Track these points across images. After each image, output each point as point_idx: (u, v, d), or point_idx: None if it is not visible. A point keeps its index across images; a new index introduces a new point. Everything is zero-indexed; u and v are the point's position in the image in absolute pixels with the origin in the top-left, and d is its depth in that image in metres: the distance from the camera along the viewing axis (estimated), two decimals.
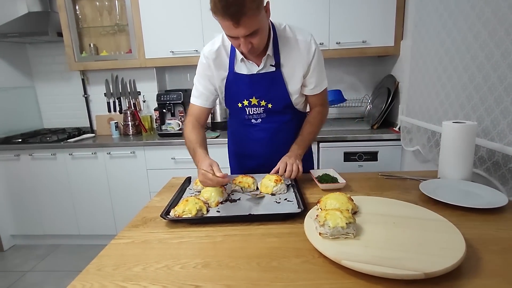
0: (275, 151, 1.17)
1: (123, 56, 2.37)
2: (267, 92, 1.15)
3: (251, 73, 1.12)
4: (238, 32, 0.93)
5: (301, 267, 0.63)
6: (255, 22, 0.92)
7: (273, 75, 1.12)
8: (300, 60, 1.11)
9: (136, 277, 0.63)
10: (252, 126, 1.23)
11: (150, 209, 0.97)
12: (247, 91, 1.15)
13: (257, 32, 0.95)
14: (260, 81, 1.13)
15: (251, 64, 1.12)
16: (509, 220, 0.80)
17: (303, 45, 1.10)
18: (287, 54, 1.11)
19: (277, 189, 0.99)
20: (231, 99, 1.20)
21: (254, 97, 1.16)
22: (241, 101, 1.17)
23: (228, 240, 0.76)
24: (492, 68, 1.12)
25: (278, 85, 1.14)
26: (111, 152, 2.22)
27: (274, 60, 1.11)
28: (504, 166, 1.06)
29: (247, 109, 1.19)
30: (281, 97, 1.16)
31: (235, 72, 1.13)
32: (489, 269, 0.60)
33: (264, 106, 1.17)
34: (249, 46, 0.98)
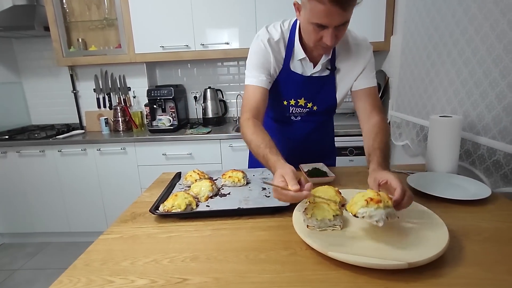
0: (304, 149, 1.16)
1: (112, 51, 2.34)
2: (316, 94, 1.12)
3: (306, 74, 1.08)
4: (337, 20, 0.85)
5: (289, 259, 0.64)
6: (350, 13, 0.87)
7: (326, 79, 1.09)
8: (356, 64, 1.07)
9: (124, 272, 0.63)
10: (291, 123, 1.20)
11: (139, 204, 0.97)
12: (298, 91, 1.11)
13: (347, 22, 0.90)
14: (314, 84, 1.09)
15: (308, 64, 1.07)
16: (491, 211, 0.82)
17: (358, 49, 1.06)
18: (343, 58, 1.07)
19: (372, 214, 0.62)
20: (279, 95, 1.13)
21: (303, 98, 1.12)
22: (289, 100, 1.13)
23: (217, 234, 0.76)
24: (478, 63, 1.14)
25: (328, 89, 1.11)
26: (101, 148, 2.20)
27: (330, 63, 1.08)
28: (488, 159, 1.09)
29: (291, 108, 1.15)
30: (329, 101, 1.14)
31: (290, 70, 1.08)
32: (470, 258, 0.62)
33: (310, 107, 1.15)
34: (335, 39, 0.91)
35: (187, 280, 0.59)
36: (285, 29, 1.06)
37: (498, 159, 1.04)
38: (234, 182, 1.03)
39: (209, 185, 0.96)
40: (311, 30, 0.91)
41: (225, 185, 1.04)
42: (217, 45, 2.21)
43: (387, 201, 0.62)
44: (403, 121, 1.79)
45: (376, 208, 0.60)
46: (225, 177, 1.04)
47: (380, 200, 0.61)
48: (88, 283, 0.60)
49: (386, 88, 2.14)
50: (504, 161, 1.02)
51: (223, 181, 1.05)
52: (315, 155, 1.24)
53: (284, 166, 0.78)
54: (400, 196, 0.69)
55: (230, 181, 1.03)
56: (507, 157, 1.01)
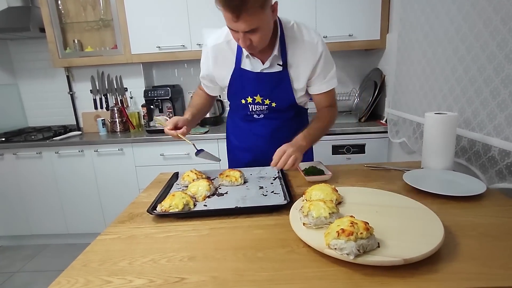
0: (274, 146, 1.15)
1: (108, 52, 2.33)
2: (272, 91, 1.13)
3: (256, 70, 1.10)
4: (237, 27, 0.91)
5: (286, 257, 0.64)
6: (256, 19, 0.90)
7: (280, 75, 1.11)
8: (306, 61, 1.09)
9: (121, 272, 0.63)
10: (255, 121, 1.23)
11: (137, 205, 0.97)
12: (252, 88, 1.14)
13: (257, 30, 0.93)
14: (266, 80, 1.11)
15: (256, 61, 1.10)
16: (486, 207, 0.83)
17: (309, 46, 1.07)
18: (294, 54, 1.09)
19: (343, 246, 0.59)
20: (235, 94, 1.18)
21: (258, 95, 1.15)
22: (245, 98, 1.16)
23: (214, 233, 0.77)
24: (472, 60, 1.15)
25: (284, 85, 1.12)
26: (99, 149, 2.19)
27: (281, 59, 1.09)
28: (484, 155, 1.10)
29: (250, 106, 1.18)
30: (286, 97, 1.15)
31: (241, 68, 1.12)
32: (465, 253, 0.62)
33: (268, 104, 1.16)
34: (248, 43, 0.96)
35: (185, 279, 0.59)
36: None
37: (493, 155, 1.05)
38: (232, 181, 1.03)
39: (206, 185, 0.96)
40: (231, 32, 0.98)
41: (222, 184, 1.04)
42: None
43: (361, 232, 0.59)
44: (399, 118, 1.80)
45: (347, 241, 0.58)
46: (222, 177, 1.05)
47: (352, 232, 0.58)
48: (86, 283, 0.60)
49: (382, 86, 2.15)
50: (499, 157, 1.03)
51: (220, 180, 1.05)
52: None
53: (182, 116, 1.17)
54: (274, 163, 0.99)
55: (227, 180, 1.03)
56: (502, 153, 1.02)
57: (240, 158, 1.34)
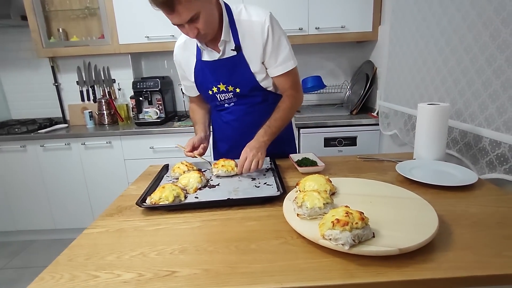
0: (245, 134, 1.13)
1: (95, 41, 2.26)
2: (231, 77, 1.13)
3: (213, 59, 1.11)
4: (177, 20, 0.92)
5: (280, 248, 0.63)
6: (192, 7, 0.90)
7: (235, 59, 1.10)
8: (255, 41, 1.07)
9: (109, 266, 0.60)
10: (227, 110, 1.23)
11: (125, 197, 0.94)
12: (213, 78, 1.15)
13: (198, 16, 0.93)
14: (223, 66, 1.12)
15: (211, 51, 1.11)
16: (478, 197, 0.83)
17: (257, 26, 1.05)
18: (245, 37, 1.08)
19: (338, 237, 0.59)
20: (201, 87, 1.20)
21: (221, 83, 1.15)
22: (211, 88, 1.17)
23: (206, 225, 0.75)
24: (465, 51, 1.15)
25: (241, 69, 1.11)
26: (86, 142, 2.13)
27: (234, 43, 1.08)
28: (475, 146, 1.10)
29: (217, 96, 1.19)
30: (246, 80, 1.13)
31: (202, 60, 1.13)
32: (459, 242, 0.62)
33: (232, 91, 1.16)
34: (196, 32, 0.97)
35: (175, 272, 0.57)
36: None
37: (484, 146, 1.06)
38: (228, 171, 1.00)
39: (197, 177, 0.94)
40: (180, 29, 0.99)
41: (218, 174, 1.01)
42: None
43: (356, 222, 0.59)
44: (391, 110, 1.80)
45: (342, 231, 0.58)
46: (217, 166, 1.02)
47: (347, 222, 0.58)
48: (72, 279, 0.57)
49: (374, 79, 2.15)
50: (489, 148, 1.03)
51: (215, 171, 1.02)
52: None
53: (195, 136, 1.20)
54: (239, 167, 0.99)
55: (223, 170, 1.01)
56: (492, 144, 1.02)
57: (218, 148, 1.36)
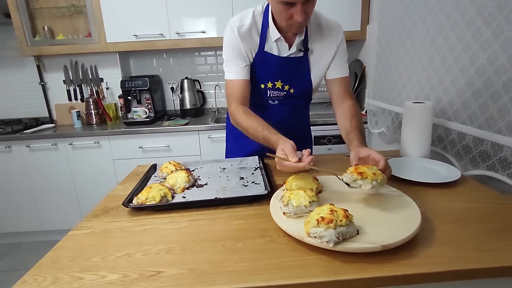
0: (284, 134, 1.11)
1: (82, 40, 2.22)
2: (293, 77, 1.12)
3: (282, 55, 1.08)
4: None
5: (266, 247, 0.63)
6: None
7: (301, 60, 1.09)
8: (328, 46, 1.09)
9: (94, 267, 0.60)
10: (269, 107, 1.19)
11: (112, 198, 0.93)
12: (274, 73, 1.11)
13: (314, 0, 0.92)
14: (289, 65, 1.09)
15: (283, 45, 1.07)
16: (461, 193, 0.85)
17: (330, 31, 1.08)
18: (315, 40, 1.08)
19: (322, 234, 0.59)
20: (255, 79, 1.13)
21: (280, 80, 1.12)
22: (266, 83, 1.12)
23: (193, 225, 0.74)
24: (449, 50, 1.17)
25: (303, 71, 1.11)
26: (74, 142, 2.10)
27: (303, 44, 1.08)
28: (459, 143, 1.13)
29: (269, 91, 1.14)
30: (304, 84, 1.14)
31: (266, 52, 1.07)
32: (441, 238, 0.64)
33: (287, 90, 1.14)
34: (304, 16, 0.92)
35: (161, 272, 0.57)
36: (258, 13, 1.06)
37: (467, 143, 1.08)
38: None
39: (185, 176, 0.93)
40: (280, 9, 0.93)
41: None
42: (193, 34, 2.15)
43: (341, 220, 0.59)
44: (379, 109, 1.82)
45: (326, 229, 0.58)
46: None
47: (332, 220, 0.58)
48: (55, 281, 0.56)
49: (362, 77, 2.17)
50: (473, 145, 1.06)
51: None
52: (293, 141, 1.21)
53: (285, 141, 0.87)
54: (384, 166, 0.79)
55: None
56: (475, 141, 1.05)
57: (245, 148, 1.27)
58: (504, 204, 0.78)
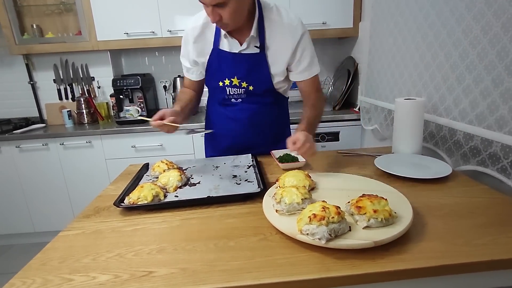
0: (252, 132, 1.18)
1: (72, 38, 2.19)
2: (249, 74, 1.11)
3: (233, 51, 1.08)
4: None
5: (258, 245, 0.63)
6: None
7: (257, 57, 1.08)
8: (285, 44, 1.07)
9: (84, 268, 0.59)
10: (232, 105, 1.19)
11: (103, 198, 0.92)
12: (229, 70, 1.11)
13: (226, 4, 0.91)
14: (243, 61, 1.09)
15: (233, 41, 1.07)
16: (452, 188, 0.86)
17: (289, 29, 1.06)
18: (272, 37, 1.07)
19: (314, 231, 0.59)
20: (213, 76, 1.15)
21: (236, 77, 1.11)
22: (223, 80, 1.13)
23: (185, 224, 0.74)
24: (440, 47, 1.18)
25: (260, 68, 1.09)
26: (65, 142, 2.07)
27: (259, 41, 1.07)
28: (450, 139, 1.14)
29: (227, 89, 1.15)
30: (263, 80, 1.12)
31: (219, 49, 1.09)
32: (432, 233, 0.64)
33: (245, 87, 1.13)
34: (217, 18, 0.94)
35: (153, 272, 0.57)
36: None
37: (458, 139, 1.09)
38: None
39: (177, 175, 0.93)
40: (204, 8, 0.97)
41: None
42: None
43: (333, 216, 0.59)
44: (372, 106, 1.83)
45: (318, 226, 0.58)
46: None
47: (324, 217, 0.59)
48: (44, 283, 0.56)
49: (355, 74, 2.18)
50: (463, 141, 1.07)
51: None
52: (269, 140, 1.25)
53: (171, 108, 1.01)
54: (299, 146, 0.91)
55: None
56: (466, 137, 1.06)
57: (217, 145, 1.31)
58: (495, 198, 0.79)
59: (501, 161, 0.92)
